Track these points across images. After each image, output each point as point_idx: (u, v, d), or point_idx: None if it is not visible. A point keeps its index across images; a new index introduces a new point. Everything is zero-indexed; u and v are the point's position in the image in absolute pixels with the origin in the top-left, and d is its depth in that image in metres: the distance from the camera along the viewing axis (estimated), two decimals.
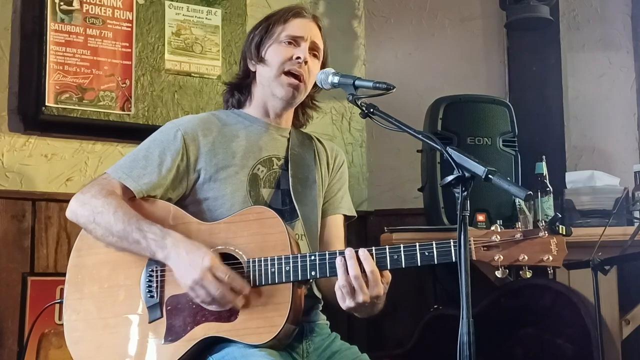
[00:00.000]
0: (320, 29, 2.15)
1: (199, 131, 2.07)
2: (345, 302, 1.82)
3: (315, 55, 2.12)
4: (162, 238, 1.87)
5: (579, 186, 3.18)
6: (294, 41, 2.08)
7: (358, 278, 1.78)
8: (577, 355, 2.87)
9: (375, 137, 3.78)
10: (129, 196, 1.98)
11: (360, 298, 1.79)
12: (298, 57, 2.06)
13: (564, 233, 1.77)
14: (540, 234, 1.77)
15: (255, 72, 2.13)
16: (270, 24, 2.11)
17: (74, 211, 1.98)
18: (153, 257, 1.89)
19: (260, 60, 2.09)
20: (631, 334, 2.90)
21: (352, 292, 1.80)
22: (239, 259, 1.90)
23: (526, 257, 1.76)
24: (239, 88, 2.18)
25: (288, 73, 2.07)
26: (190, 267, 1.82)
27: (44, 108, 2.94)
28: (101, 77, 3.05)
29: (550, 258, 1.76)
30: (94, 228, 1.94)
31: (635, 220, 2.95)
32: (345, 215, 2.25)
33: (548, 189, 3.01)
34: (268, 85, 2.10)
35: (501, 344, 2.95)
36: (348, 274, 1.79)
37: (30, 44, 3.02)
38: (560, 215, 1.79)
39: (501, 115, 3.18)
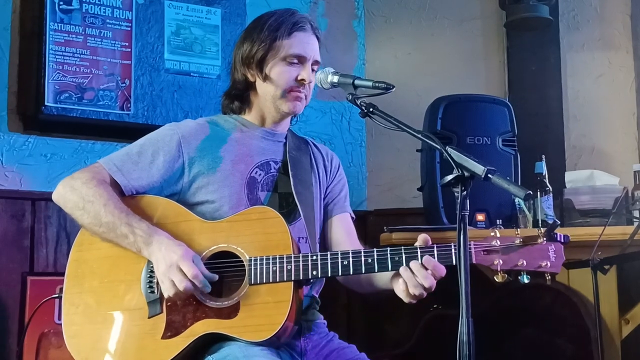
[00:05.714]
0: (318, 40, 2.18)
1: (196, 135, 2.10)
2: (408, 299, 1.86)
3: (313, 70, 2.15)
4: (149, 236, 1.91)
5: (579, 186, 3.18)
6: (298, 60, 2.11)
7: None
8: (576, 355, 2.87)
9: (374, 137, 3.78)
10: (118, 189, 2.00)
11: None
12: (303, 79, 2.10)
13: (562, 241, 1.80)
14: (539, 241, 1.79)
15: (254, 83, 2.15)
16: (274, 38, 2.10)
17: (63, 195, 1.99)
18: (138, 252, 1.92)
19: (265, 78, 2.11)
20: (631, 334, 2.89)
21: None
22: (240, 257, 1.91)
23: (525, 263, 1.78)
24: (239, 98, 2.20)
25: (292, 91, 2.11)
26: (162, 260, 1.87)
27: (43, 108, 2.94)
28: (101, 77, 3.05)
29: (549, 264, 1.78)
30: (81, 215, 1.96)
31: (635, 220, 2.94)
32: None
33: (547, 188, 3.00)
34: (272, 102, 2.13)
35: (501, 344, 2.94)
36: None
37: (29, 44, 3.02)
38: (559, 223, 1.80)
39: (501, 115, 3.17)
